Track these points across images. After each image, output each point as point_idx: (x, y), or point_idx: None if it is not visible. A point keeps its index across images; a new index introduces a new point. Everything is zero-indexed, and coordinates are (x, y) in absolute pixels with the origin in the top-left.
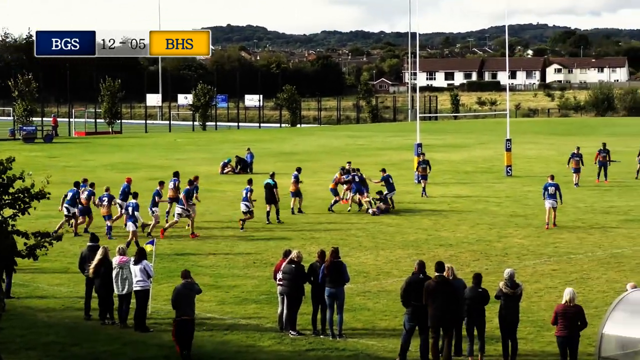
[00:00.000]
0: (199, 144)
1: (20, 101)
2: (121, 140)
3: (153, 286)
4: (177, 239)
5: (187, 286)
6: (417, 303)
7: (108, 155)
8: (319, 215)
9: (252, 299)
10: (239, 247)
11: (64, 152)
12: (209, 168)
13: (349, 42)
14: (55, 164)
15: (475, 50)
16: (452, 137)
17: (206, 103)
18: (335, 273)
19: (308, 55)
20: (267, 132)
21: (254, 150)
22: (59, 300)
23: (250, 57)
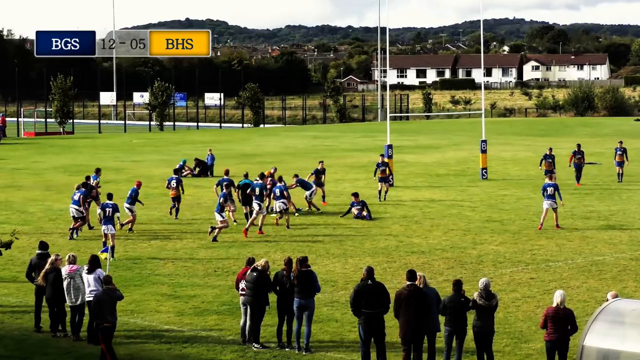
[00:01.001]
0: (156, 145)
1: None
2: (73, 141)
3: None
4: (132, 245)
5: (108, 292)
6: (368, 311)
7: (59, 157)
8: (283, 221)
9: (212, 309)
10: (199, 255)
11: (11, 153)
12: (166, 170)
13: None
14: (2, 166)
15: (449, 47)
16: (424, 138)
17: (163, 102)
18: (305, 283)
19: (272, 52)
20: (228, 133)
21: (214, 151)
22: (6, 311)
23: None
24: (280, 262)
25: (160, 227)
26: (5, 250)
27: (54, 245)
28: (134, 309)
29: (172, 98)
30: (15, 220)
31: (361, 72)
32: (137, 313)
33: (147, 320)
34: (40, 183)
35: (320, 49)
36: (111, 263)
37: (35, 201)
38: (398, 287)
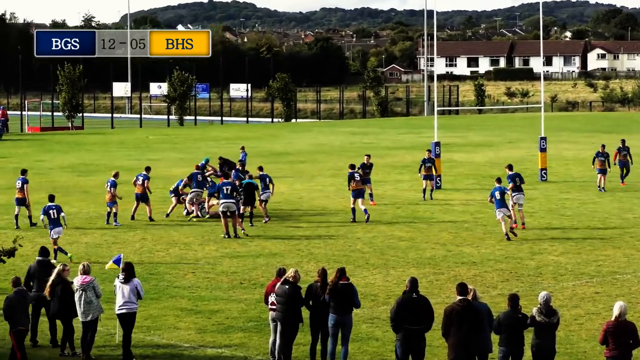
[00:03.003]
0: (175, 142)
1: None
2: (83, 137)
3: None
4: (148, 254)
5: (20, 294)
6: (410, 327)
7: (67, 155)
8: (317, 226)
9: (238, 326)
10: (223, 265)
11: (14, 151)
12: (187, 170)
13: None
14: (4, 165)
15: (504, 32)
16: (476, 135)
17: (184, 93)
18: (343, 297)
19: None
20: (255, 128)
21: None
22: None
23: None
24: (313, 274)
25: (179, 233)
26: (8, 259)
27: (62, 254)
28: (150, 325)
29: (193, 89)
30: (19, 226)
31: (405, 60)
32: (154, 330)
33: (165, 337)
34: (45, 184)
35: (359, 34)
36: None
37: (40, 204)
38: (447, 302)
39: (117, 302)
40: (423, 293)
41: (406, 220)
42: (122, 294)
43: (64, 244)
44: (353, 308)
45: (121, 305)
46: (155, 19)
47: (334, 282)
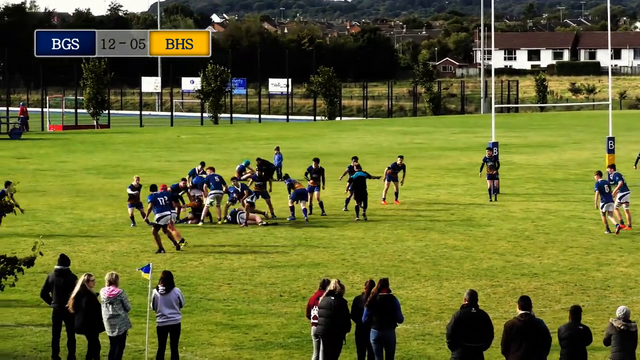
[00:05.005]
0: (209, 142)
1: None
2: (108, 137)
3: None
4: (180, 264)
5: None
6: (468, 344)
7: (91, 156)
8: (364, 234)
9: (277, 342)
10: (261, 276)
11: (34, 151)
12: (222, 173)
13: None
14: (24, 166)
15: (568, 22)
16: (537, 135)
17: (218, 89)
18: (383, 311)
19: (350, 28)
20: (297, 127)
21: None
22: (29, 341)
23: (275, 30)
24: (359, 286)
25: (213, 241)
26: (27, 268)
27: (85, 263)
28: (182, 340)
29: (229, 84)
30: (39, 232)
31: (460, 53)
32: (187, 346)
33: (199, 354)
34: (68, 187)
35: (409, 24)
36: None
37: (62, 209)
38: (505, 317)
39: (159, 314)
40: (480, 307)
41: (461, 227)
42: (165, 305)
43: (88, 252)
44: (397, 322)
45: (165, 317)
46: (187, 7)
47: (374, 293)
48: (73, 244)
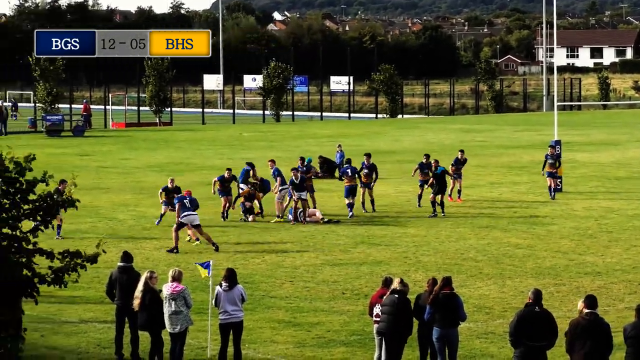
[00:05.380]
0: (271, 140)
1: (43, 83)
2: (171, 134)
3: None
4: (242, 261)
5: None
6: (531, 343)
7: (153, 153)
8: (426, 232)
9: (340, 340)
10: (323, 273)
11: (97, 148)
12: (284, 170)
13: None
14: (87, 163)
15: (631, 20)
16: (600, 133)
17: (280, 86)
18: (446, 309)
19: (412, 25)
20: (358, 125)
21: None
22: (92, 338)
23: (337, 28)
24: (421, 284)
25: (275, 238)
26: (90, 265)
27: (148, 260)
28: (245, 338)
29: (291, 82)
30: (102, 229)
31: (522, 50)
32: (249, 343)
33: (261, 352)
34: (130, 184)
35: (471, 22)
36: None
37: (125, 206)
38: (569, 315)
39: (222, 311)
40: (543, 306)
41: (523, 226)
42: (228, 302)
43: (151, 249)
44: (459, 321)
45: (227, 314)
46: (249, 5)
47: (436, 291)
48: (136, 241)
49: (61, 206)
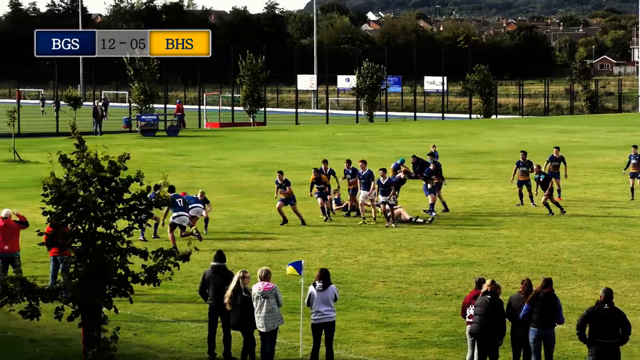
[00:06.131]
0: (364, 140)
1: (138, 83)
2: (264, 134)
3: None
4: (335, 261)
5: None
6: (602, 341)
7: (247, 153)
8: (520, 233)
9: (432, 340)
10: (416, 273)
11: (191, 148)
12: (377, 170)
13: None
14: (180, 163)
15: None
16: None
17: (374, 87)
18: (545, 308)
19: (506, 26)
20: (452, 125)
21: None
22: (185, 337)
23: (431, 28)
24: (514, 285)
25: (368, 239)
26: (183, 264)
27: (241, 260)
28: (337, 338)
29: (384, 82)
30: (196, 228)
31: (617, 51)
32: (341, 343)
33: (353, 352)
34: (224, 184)
35: (566, 22)
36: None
37: (218, 206)
38: None
39: (315, 311)
40: (637, 307)
41: (618, 227)
42: (321, 302)
43: (244, 248)
44: (557, 322)
45: (320, 314)
46: (343, 6)
47: (537, 290)
48: (229, 240)
49: (155, 205)
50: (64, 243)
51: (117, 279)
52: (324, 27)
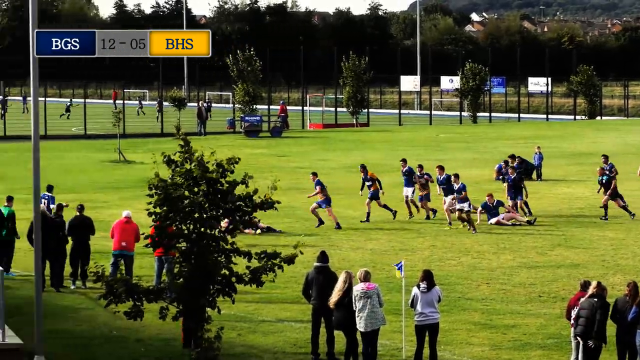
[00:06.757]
0: (467, 141)
1: (241, 84)
2: (367, 135)
3: None
4: (438, 262)
5: None
6: None
7: (350, 154)
8: (625, 235)
9: (536, 343)
10: (520, 275)
11: (294, 149)
12: (479, 172)
13: None
14: (284, 164)
15: None
16: None
17: (477, 87)
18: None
19: (611, 26)
20: (556, 126)
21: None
22: (289, 337)
23: (534, 29)
24: (619, 287)
25: (471, 240)
26: (287, 266)
27: (345, 261)
28: (440, 339)
29: (487, 83)
30: (299, 229)
31: None
32: (444, 345)
33: (457, 354)
34: (327, 185)
35: None
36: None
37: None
38: None
39: (418, 313)
40: None
41: None
42: (425, 304)
43: (347, 249)
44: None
45: (424, 315)
46: (446, 7)
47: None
48: (332, 241)
49: (260, 208)
50: (169, 243)
51: (221, 279)
52: (427, 28)
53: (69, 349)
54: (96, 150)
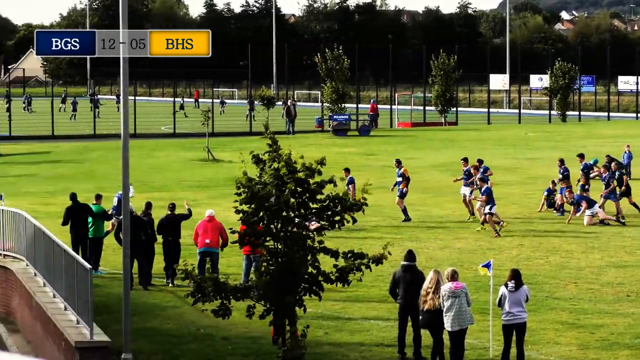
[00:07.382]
0: (556, 140)
1: (330, 83)
2: (456, 134)
3: None
4: (526, 262)
5: None
6: None
7: (438, 153)
8: None
9: (624, 342)
10: (608, 275)
11: (383, 147)
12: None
13: None
14: (372, 163)
15: None
16: None
17: (566, 86)
18: None
19: None
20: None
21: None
22: (375, 336)
23: (625, 27)
24: None
25: (560, 240)
26: (375, 266)
27: (432, 260)
28: (527, 339)
29: (577, 82)
30: (386, 229)
31: None
32: (532, 344)
33: (544, 353)
34: (416, 183)
35: None
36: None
37: (410, 205)
38: None
39: (506, 312)
40: None
41: None
42: (513, 303)
43: (435, 248)
44: None
45: (512, 314)
46: (536, 5)
47: None
48: (420, 240)
49: (349, 209)
50: (256, 242)
51: (308, 277)
52: (517, 26)
53: (156, 346)
54: (185, 149)
